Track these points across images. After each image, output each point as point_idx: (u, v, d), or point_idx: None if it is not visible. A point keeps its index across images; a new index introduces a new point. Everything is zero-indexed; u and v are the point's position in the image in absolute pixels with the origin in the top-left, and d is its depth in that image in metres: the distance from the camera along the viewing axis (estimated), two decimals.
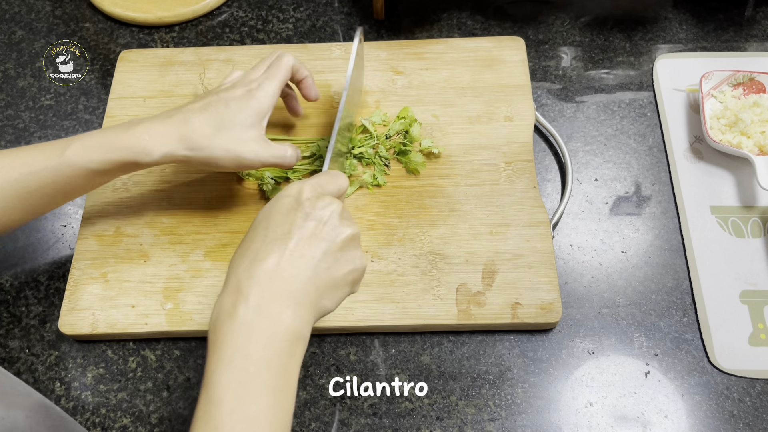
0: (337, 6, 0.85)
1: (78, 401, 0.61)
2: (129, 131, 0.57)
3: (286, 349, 0.45)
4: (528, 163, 0.70)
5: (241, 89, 0.60)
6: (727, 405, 0.59)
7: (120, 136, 0.57)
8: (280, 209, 0.49)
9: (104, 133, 0.58)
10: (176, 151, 0.58)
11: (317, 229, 0.48)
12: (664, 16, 0.82)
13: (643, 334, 0.63)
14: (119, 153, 0.57)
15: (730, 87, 0.73)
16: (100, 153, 0.56)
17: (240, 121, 0.59)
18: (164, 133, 0.58)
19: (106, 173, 0.58)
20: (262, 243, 0.47)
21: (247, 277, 0.46)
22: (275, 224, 0.48)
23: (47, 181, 0.56)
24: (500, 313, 0.62)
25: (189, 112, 0.59)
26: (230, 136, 0.59)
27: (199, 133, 0.58)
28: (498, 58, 0.77)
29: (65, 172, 0.56)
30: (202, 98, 0.60)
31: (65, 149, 0.56)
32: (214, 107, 0.59)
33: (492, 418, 0.59)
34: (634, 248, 0.67)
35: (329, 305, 0.49)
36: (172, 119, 0.58)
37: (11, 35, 0.84)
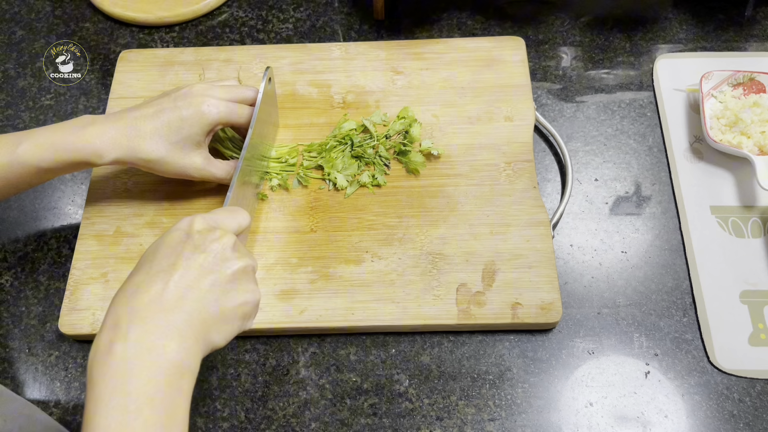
0: (337, 6, 0.85)
1: (78, 401, 0.61)
2: (81, 132, 0.58)
3: (172, 384, 0.42)
4: (528, 163, 0.70)
5: (197, 99, 0.61)
6: (727, 405, 0.59)
7: (71, 137, 0.58)
8: (168, 242, 0.48)
9: (56, 131, 0.58)
10: (125, 157, 0.59)
11: (206, 260, 0.47)
12: (664, 16, 0.82)
13: (643, 334, 0.63)
14: (70, 154, 0.57)
15: (730, 87, 0.73)
16: (52, 153, 0.57)
17: (188, 134, 0.60)
18: (115, 138, 0.58)
19: (57, 171, 0.59)
20: (146, 275, 0.45)
21: (126, 312, 0.44)
22: (162, 256, 0.47)
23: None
24: (500, 313, 0.62)
25: (142, 118, 0.60)
26: (177, 148, 0.60)
27: (148, 141, 0.59)
28: (498, 58, 0.77)
29: (16, 169, 0.57)
30: (156, 102, 0.61)
31: (17, 146, 0.56)
32: (166, 116, 0.60)
33: (492, 418, 0.59)
34: (634, 248, 0.67)
35: (218, 339, 0.47)
36: (123, 122, 0.59)
37: (11, 35, 0.84)
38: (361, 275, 0.64)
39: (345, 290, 0.63)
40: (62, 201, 0.72)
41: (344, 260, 0.65)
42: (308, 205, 0.68)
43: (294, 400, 0.60)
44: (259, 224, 0.67)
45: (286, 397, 0.61)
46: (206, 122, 0.61)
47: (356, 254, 0.65)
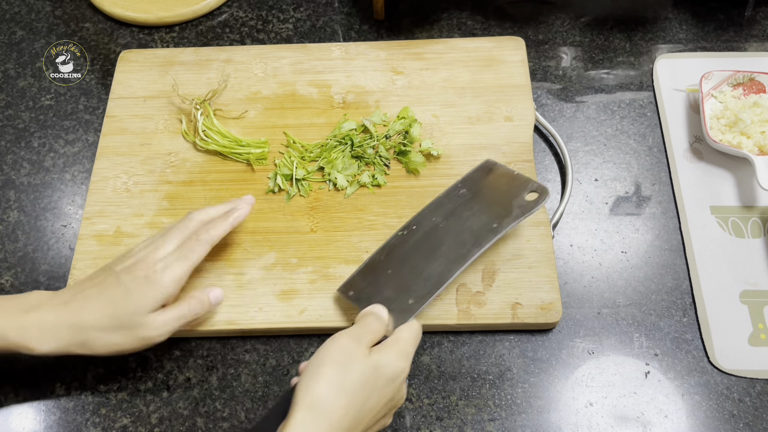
0: (337, 6, 0.85)
1: (78, 401, 0.61)
2: (21, 318, 0.53)
3: None
4: (528, 163, 0.70)
5: (142, 271, 0.55)
6: (727, 405, 0.59)
7: (8, 322, 0.53)
8: (382, 395, 0.51)
9: None
10: (66, 349, 0.54)
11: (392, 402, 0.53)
12: (664, 16, 0.82)
13: (643, 334, 0.63)
14: (3, 341, 0.52)
15: (730, 87, 0.73)
16: None
17: (140, 320, 0.54)
18: (53, 331, 0.53)
19: None
20: (360, 424, 0.49)
21: None
22: (376, 408, 0.50)
23: None
24: (500, 313, 0.62)
25: (84, 300, 0.54)
26: (131, 335, 0.54)
27: (91, 327, 0.53)
28: (498, 58, 0.77)
29: None
30: (102, 277, 0.55)
31: None
32: (111, 293, 0.54)
33: (492, 418, 0.59)
34: (634, 248, 0.67)
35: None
36: (66, 313, 0.53)
37: (11, 35, 0.84)
38: None
39: None
40: (62, 201, 0.72)
41: (344, 260, 0.65)
42: (308, 205, 0.68)
43: None
44: (259, 224, 0.67)
45: None
46: (160, 296, 0.55)
47: (356, 254, 0.65)
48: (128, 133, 0.74)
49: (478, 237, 0.60)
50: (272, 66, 0.78)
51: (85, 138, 0.76)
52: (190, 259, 0.57)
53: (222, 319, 0.62)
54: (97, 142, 0.74)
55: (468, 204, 0.63)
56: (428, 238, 0.62)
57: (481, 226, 0.61)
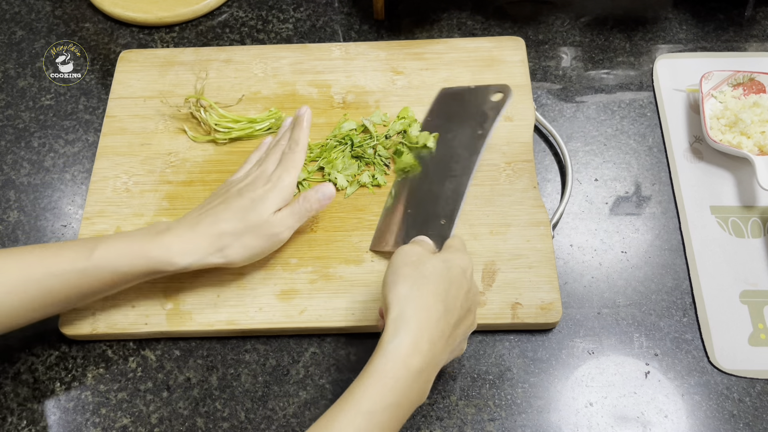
0: (337, 6, 0.85)
1: (78, 401, 0.61)
2: (158, 239, 0.57)
3: None
4: (528, 163, 0.70)
5: (262, 187, 0.60)
6: (727, 405, 0.59)
7: (149, 243, 0.57)
8: (459, 283, 0.53)
9: (132, 237, 0.57)
10: (205, 259, 0.58)
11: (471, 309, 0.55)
12: (664, 16, 0.82)
13: (643, 334, 0.63)
14: (147, 261, 0.56)
15: (730, 87, 0.73)
16: (129, 258, 0.56)
17: (267, 218, 0.59)
18: (193, 241, 0.58)
19: (131, 278, 0.57)
20: (445, 319, 0.51)
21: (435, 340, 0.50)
22: (453, 299, 0.52)
23: (71, 283, 0.55)
24: (500, 313, 0.62)
25: (216, 217, 0.59)
26: (261, 234, 0.59)
27: (227, 233, 0.58)
28: (498, 58, 0.77)
29: (91, 275, 0.55)
30: (223, 198, 0.61)
31: (92, 251, 0.55)
32: (238, 204, 0.59)
33: (492, 418, 0.59)
34: (634, 248, 0.67)
35: None
36: (200, 226, 0.58)
37: (11, 35, 0.84)
38: (361, 275, 0.64)
39: (345, 290, 0.63)
40: (62, 201, 0.72)
41: (344, 260, 0.65)
42: None
43: (294, 400, 0.60)
44: None
45: (286, 397, 0.61)
46: (281, 200, 0.60)
47: (356, 254, 0.65)
48: (128, 133, 0.74)
49: (471, 147, 0.66)
50: (272, 66, 0.78)
51: (85, 138, 0.76)
52: (295, 169, 0.62)
53: (222, 319, 0.62)
54: (97, 142, 0.74)
55: (446, 127, 0.69)
56: (427, 170, 0.67)
57: (468, 137, 0.67)
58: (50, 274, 0.55)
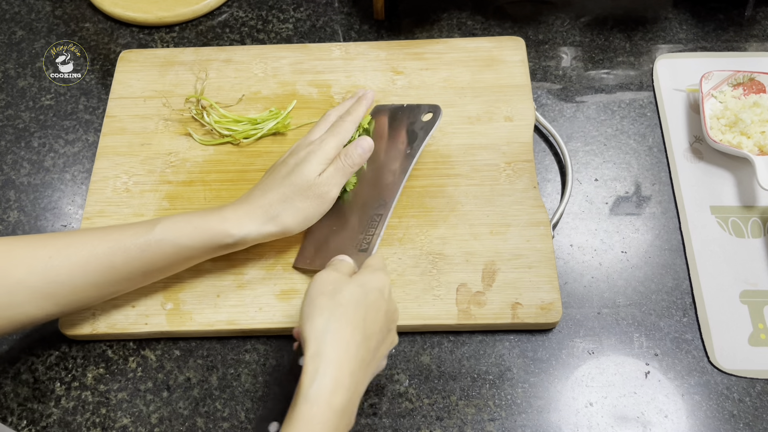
0: (337, 6, 0.85)
1: (78, 401, 0.61)
2: (216, 213, 0.59)
3: None
4: (528, 163, 0.70)
5: (304, 149, 0.62)
6: (727, 405, 0.59)
7: (208, 216, 0.59)
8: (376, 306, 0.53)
9: (193, 213, 0.59)
10: (261, 229, 0.59)
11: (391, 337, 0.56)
12: (664, 16, 0.82)
13: (643, 334, 0.63)
14: (207, 233, 0.58)
15: (730, 87, 0.73)
16: (188, 232, 0.57)
17: (313, 180, 0.60)
18: (248, 213, 0.59)
19: (194, 251, 0.58)
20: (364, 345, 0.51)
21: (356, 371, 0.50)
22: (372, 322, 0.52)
23: (133, 257, 0.56)
24: (500, 313, 0.62)
25: (265, 187, 0.61)
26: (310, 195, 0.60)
27: (277, 201, 0.59)
28: (498, 58, 0.77)
29: (153, 248, 0.56)
30: (272, 169, 0.63)
31: (154, 226, 0.57)
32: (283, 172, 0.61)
33: (492, 418, 0.59)
34: (634, 248, 0.67)
35: None
36: (252, 197, 0.60)
37: (11, 35, 0.84)
38: None
39: None
40: (62, 201, 0.72)
41: None
42: None
43: None
44: None
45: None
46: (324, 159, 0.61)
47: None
48: (128, 133, 0.74)
49: (400, 166, 0.67)
50: (272, 66, 0.78)
51: (85, 138, 0.76)
52: (341, 134, 0.63)
53: (222, 319, 0.62)
54: (97, 142, 0.74)
55: (377, 146, 0.68)
56: (355, 187, 0.68)
57: (397, 156, 0.67)
58: (113, 249, 0.55)
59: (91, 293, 0.57)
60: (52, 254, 0.54)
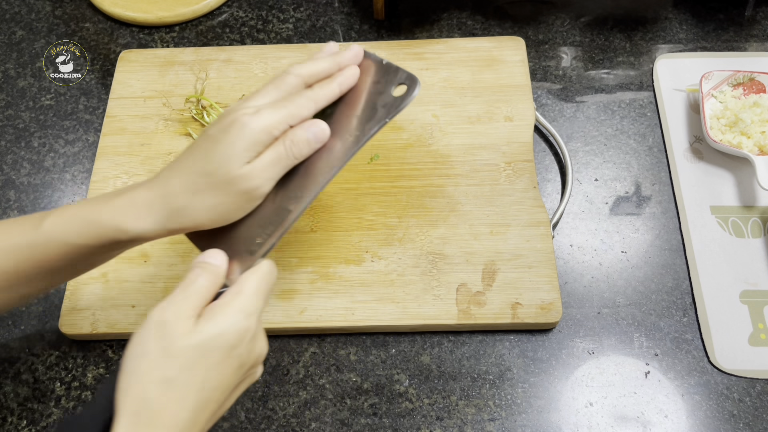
0: (337, 6, 0.85)
1: (78, 401, 0.61)
2: (111, 203, 0.48)
3: None
4: (528, 163, 0.70)
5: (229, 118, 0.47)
6: (727, 405, 0.59)
7: (99, 208, 0.48)
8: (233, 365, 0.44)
9: (90, 201, 0.49)
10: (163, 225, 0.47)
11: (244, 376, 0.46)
12: (664, 16, 0.82)
13: (643, 334, 0.63)
14: (97, 228, 0.47)
15: (730, 87, 0.73)
16: (78, 226, 0.47)
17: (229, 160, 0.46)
18: (147, 202, 0.47)
19: (86, 249, 0.48)
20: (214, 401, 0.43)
21: None
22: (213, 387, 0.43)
23: (22, 258, 0.47)
24: (500, 313, 0.62)
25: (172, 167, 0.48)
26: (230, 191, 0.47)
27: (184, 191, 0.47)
28: (498, 58, 0.77)
29: (41, 248, 0.47)
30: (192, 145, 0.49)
31: (42, 221, 0.48)
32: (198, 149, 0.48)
33: (492, 418, 0.59)
34: (634, 248, 0.67)
35: None
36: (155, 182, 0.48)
37: (11, 35, 0.84)
38: (361, 275, 0.64)
39: (345, 290, 0.63)
40: (62, 201, 0.72)
41: (344, 260, 0.65)
42: None
43: (294, 400, 0.60)
44: None
45: (286, 397, 0.61)
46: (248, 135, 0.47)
47: (356, 254, 0.65)
48: (128, 133, 0.74)
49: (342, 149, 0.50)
50: (272, 66, 0.78)
51: (85, 138, 0.76)
52: (287, 108, 0.47)
53: None
54: (97, 142, 0.74)
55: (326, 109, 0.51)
56: None
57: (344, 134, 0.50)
58: None
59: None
60: None
